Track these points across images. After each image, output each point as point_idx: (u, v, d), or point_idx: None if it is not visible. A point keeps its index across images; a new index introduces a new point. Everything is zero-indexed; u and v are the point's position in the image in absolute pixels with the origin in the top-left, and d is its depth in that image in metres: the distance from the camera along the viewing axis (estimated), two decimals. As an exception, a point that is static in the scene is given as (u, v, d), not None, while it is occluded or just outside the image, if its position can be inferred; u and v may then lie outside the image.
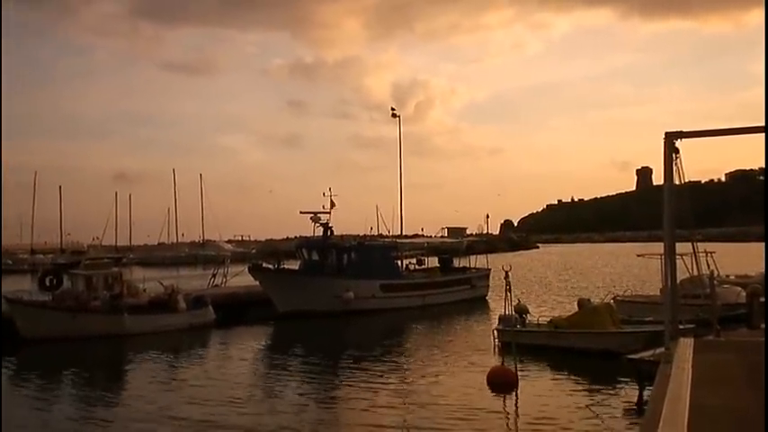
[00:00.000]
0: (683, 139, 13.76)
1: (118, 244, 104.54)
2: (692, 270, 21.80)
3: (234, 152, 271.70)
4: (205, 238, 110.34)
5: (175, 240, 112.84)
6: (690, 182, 15.55)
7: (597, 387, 16.97)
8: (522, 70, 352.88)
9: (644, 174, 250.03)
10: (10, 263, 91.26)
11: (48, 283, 32.90)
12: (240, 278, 39.32)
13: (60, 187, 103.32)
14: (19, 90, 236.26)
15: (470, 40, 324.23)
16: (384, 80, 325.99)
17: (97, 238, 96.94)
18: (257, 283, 34.83)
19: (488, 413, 14.87)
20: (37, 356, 24.32)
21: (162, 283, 33.86)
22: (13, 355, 24.11)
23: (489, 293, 41.49)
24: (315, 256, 36.81)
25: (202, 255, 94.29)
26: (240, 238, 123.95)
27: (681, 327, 15.46)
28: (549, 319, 24.23)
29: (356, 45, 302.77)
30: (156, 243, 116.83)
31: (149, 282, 35.47)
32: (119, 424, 15.06)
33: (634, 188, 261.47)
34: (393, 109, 46.65)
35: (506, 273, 18.50)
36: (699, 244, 18.85)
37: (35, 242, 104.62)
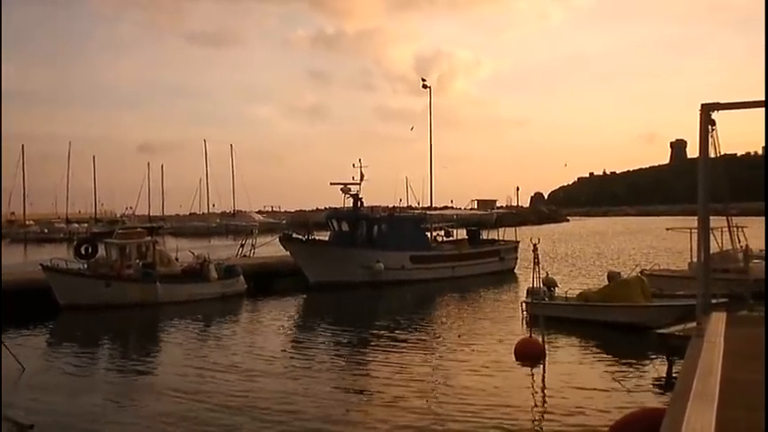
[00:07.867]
0: (720, 111, 13.47)
1: (150, 214, 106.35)
2: (723, 244, 21.45)
3: (261, 123, 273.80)
4: (236, 208, 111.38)
5: (207, 210, 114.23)
6: (726, 155, 15.21)
7: (625, 361, 16.87)
8: (548, 41, 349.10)
9: (678, 147, 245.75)
10: (46, 231, 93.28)
11: (83, 252, 33.36)
12: (269, 248, 39.70)
13: (94, 157, 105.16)
14: (50, 61, 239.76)
15: (493, 10, 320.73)
16: (406, 52, 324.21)
17: (130, 207, 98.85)
18: (287, 253, 35.15)
19: (515, 384, 14.94)
20: (73, 323, 24.89)
21: (193, 253, 34.33)
22: (52, 321, 24.85)
23: (518, 266, 41.40)
24: (345, 227, 36.96)
25: (233, 225, 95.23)
26: (270, 209, 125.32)
27: (713, 301, 15.29)
28: (578, 292, 24.10)
29: (376, 16, 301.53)
30: (187, 213, 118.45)
31: (181, 251, 35.93)
32: (153, 388, 15.40)
33: (668, 161, 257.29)
34: (424, 80, 46.31)
35: (534, 246, 18.44)
36: (732, 218, 18.53)
37: (69, 212, 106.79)
